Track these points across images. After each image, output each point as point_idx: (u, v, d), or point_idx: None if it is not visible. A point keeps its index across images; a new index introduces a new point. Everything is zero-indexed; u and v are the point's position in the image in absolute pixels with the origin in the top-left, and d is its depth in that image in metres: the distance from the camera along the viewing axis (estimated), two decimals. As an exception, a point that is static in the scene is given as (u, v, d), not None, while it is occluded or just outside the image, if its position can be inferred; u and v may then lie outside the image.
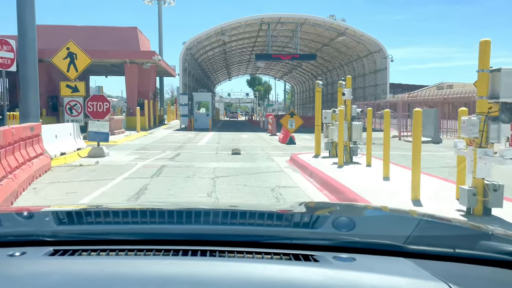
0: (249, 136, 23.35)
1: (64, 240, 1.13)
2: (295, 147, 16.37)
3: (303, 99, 64.60)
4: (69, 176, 8.95)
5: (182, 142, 18.12)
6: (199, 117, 31.54)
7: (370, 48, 32.24)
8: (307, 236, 1.19)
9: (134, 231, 1.22)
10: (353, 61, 37.86)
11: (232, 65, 55.55)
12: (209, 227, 1.34)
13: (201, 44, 33.47)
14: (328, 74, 47.39)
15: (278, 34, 34.85)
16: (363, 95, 36.23)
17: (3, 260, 0.98)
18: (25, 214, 1.44)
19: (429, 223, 1.41)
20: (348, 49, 35.81)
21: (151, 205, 2.09)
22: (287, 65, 55.05)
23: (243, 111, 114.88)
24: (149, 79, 29.04)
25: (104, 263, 0.97)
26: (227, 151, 14.30)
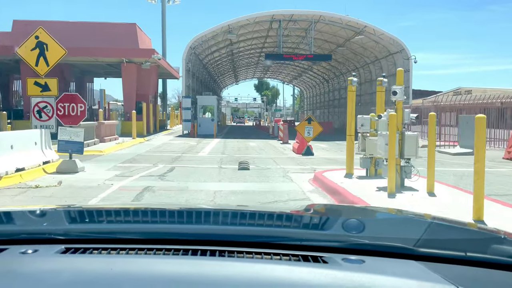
0: (258, 144, 20.76)
1: (75, 238, 1.15)
2: (313, 159, 13.73)
3: (313, 104, 61.91)
4: (11, 204, 6.38)
5: (180, 152, 15.55)
6: (203, 122, 29.02)
7: (390, 49, 29.55)
8: (316, 238, 1.18)
9: (144, 230, 1.22)
10: (369, 63, 35.18)
11: (239, 68, 53.07)
12: (218, 227, 1.33)
13: (206, 44, 30.99)
14: (341, 77, 44.71)
15: (290, 33, 32.30)
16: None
17: (15, 258, 1.00)
18: (38, 212, 1.41)
19: (440, 226, 1.37)
20: (364, 50, 33.15)
21: (161, 205, 2.13)
22: (297, 69, 52.48)
23: (250, 116, 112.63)
24: (149, 81, 26.56)
25: (114, 262, 0.98)
26: (233, 164, 11.71)
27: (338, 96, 46.93)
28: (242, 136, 27.82)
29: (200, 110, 30.30)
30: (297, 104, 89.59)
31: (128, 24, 25.58)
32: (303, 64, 48.60)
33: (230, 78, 65.64)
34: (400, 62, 29.08)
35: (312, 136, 14.99)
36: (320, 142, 18.98)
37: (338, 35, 31.49)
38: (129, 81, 24.78)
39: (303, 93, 71.69)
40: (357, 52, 34.23)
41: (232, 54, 39.72)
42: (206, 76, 45.00)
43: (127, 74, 24.69)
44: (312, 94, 62.36)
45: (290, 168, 11.16)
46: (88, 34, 24.53)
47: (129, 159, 12.74)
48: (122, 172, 9.93)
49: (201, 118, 29.41)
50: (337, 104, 47.30)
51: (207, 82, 47.24)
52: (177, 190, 7.61)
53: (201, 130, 28.90)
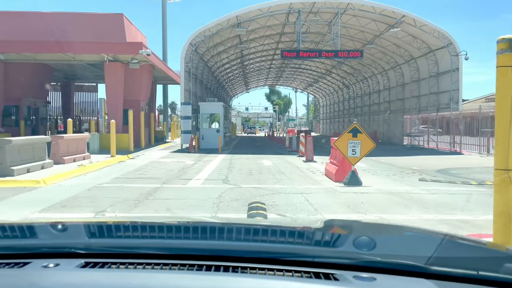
0: (274, 162, 15.77)
1: (95, 252, 1.16)
2: (367, 194, 8.70)
3: (330, 113, 56.78)
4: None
5: (163, 179, 10.63)
6: (207, 134, 24.17)
7: (432, 44, 24.45)
8: (327, 255, 1.19)
9: (160, 246, 1.25)
10: (401, 64, 30.08)
11: (250, 73, 48.24)
12: (232, 243, 1.34)
13: (211, 41, 26.23)
14: (364, 82, 39.64)
15: (309, 29, 27.44)
16: (416, 107, 28.33)
17: (38, 272, 1.03)
18: (59, 226, 1.45)
19: (452, 243, 1.38)
20: (397, 48, 28.10)
21: (177, 220, 2.12)
22: (313, 74, 47.53)
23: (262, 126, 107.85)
24: (140, 84, 21.82)
25: (132, 277, 1.00)
26: (238, 208, 6.78)
27: (361, 103, 41.81)
28: (254, 150, 22.85)
29: (206, 119, 25.45)
30: (311, 113, 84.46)
31: (113, 15, 20.90)
32: (320, 69, 43.67)
33: (240, 86, 60.89)
34: (445, 60, 23.93)
35: (360, 156, 9.94)
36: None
37: (366, 29, 26.51)
38: (113, 83, 20.04)
39: (319, 101, 66.60)
40: (387, 50, 29.16)
41: (242, 55, 34.93)
42: (213, 82, 40.25)
43: (110, 75, 19.95)
44: (329, 102, 57.25)
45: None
46: (65, 27, 19.91)
47: (68, 198, 7.77)
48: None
49: (204, 128, 24.56)
50: (360, 112, 42.14)
51: (215, 89, 42.49)
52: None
53: (205, 143, 24.04)
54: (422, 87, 27.63)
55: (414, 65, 28.23)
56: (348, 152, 9.97)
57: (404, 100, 30.68)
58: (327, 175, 11.56)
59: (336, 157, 11.24)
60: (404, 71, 30.35)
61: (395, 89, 32.18)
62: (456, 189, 9.52)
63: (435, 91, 25.61)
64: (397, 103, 31.80)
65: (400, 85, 31.07)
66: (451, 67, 23.06)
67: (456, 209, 7.22)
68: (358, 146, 9.95)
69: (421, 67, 27.44)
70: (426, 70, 26.45)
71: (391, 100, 33.43)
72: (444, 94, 24.56)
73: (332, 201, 7.81)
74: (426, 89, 26.87)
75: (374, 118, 37.27)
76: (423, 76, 27.31)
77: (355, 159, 9.96)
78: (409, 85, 29.40)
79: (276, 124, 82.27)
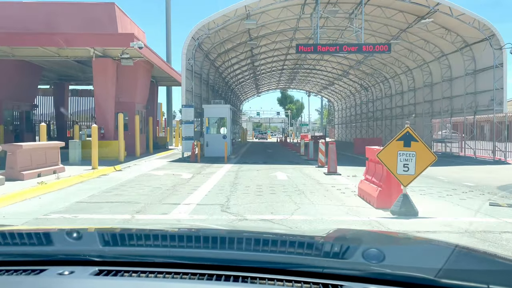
0: (289, 175, 12.88)
1: (108, 260, 1.18)
2: (435, 231, 5.76)
3: (346, 117, 53.65)
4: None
5: (142, 204, 7.80)
6: (212, 141, 21.38)
7: (468, 37, 21.33)
8: (337, 266, 1.19)
9: (172, 255, 1.26)
10: (429, 62, 26.98)
11: (261, 75, 45.40)
12: (242, 253, 1.35)
13: (217, 36, 23.49)
14: (385, 83, 36.54)
15: (326, 23, 24.55)
16: (448, 109, 25.16)
17: (54, 279, 1.05)
18: (74, 234, 1.45)
19: (462, 255, 1.35)
20: (426, 44, 25.01)
21: (191, 229, 2.04)
22: (328, 76, 44.53)
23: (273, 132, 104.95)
24: (134, 84, 19.13)
25: (144, 285, 1.03)
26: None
27: (381, 106, 38.67)
28: (265, 159, 19.97)
29: (214, 124, 22.63)
30: (324, 118, 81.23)
31: (104, 4, 18.18)
32: (336, 70, 40.67)
33: (251, 89, 58.13)
34: (485, 55, 20.79)
35: (415, 174, 6.96)
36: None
37: (392, 22, 23.51)
38: (102, 82, 17.36)
39: (333, 105, 63.47)
40: (414, 46, 26.08)
41: (252, 55, 32.12)
42: (222, 84, 37.53)
43: (99, 73, 17.28)
44: (345, 106, 54.13)
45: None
46: (50, 18, 17.33)
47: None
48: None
49: (209, 134, 21.75)
50: (380, 116, 39.00)
51: (224, 91, 39.76)
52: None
53: (209, 151, 21.26)
54: (455, 87, 24.47)
55: (446, 63, 25.09)
56: (398, 168, 7.02)
57: (433, 102, 27.52)
58: (363, 197, 8.62)
59: (376, 174, 8.29)
60: (432, 69, 27.22)
61: (421, 90, 29.04)
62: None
63: (472, 91, 22.45)
64: (424, 105, 28.64)
65: (427, 86, 27.93)
66: (494, 63, 19.90)
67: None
68: (412, 160, 7.00)
69: (454, 65, 24.30)
70: (461, 68, 23.31)
71: (417, 102, 30.29)
72: (483, 95, 21.41)
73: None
74: (460, 89, 23.71)
75: (397, 123, 34.09)
76: (457, 74, 24.16)
77: (408, 178, 7.01)
78: (439, 85, 26.24)
79: (288, 129, 79.23)
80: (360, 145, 27.84)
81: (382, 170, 7.88)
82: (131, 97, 19.15)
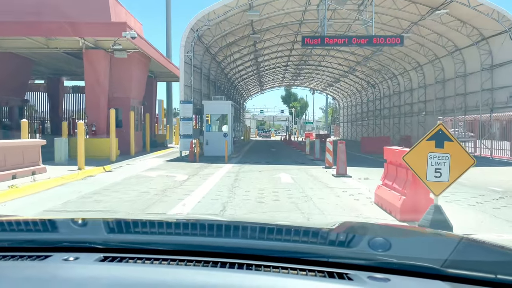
0: (294, 177, 11.67)
1: (113, 247, 1.17)
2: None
3: (352, 115, 52.30)
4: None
5: (123, 213, 6.64)
6: (212, 139, 20.18)
7: (485, 29, 20.00)
8: (342, 255, 1.17)
9: (176, 242, 1.25)
10: (442, 57, 25.66)
11: (265, 71, 44.13)
12: (246, 241, 1.33)
13: (218, 29, 22.27)
14: (394, 80, 35.19)
15: (333, 15, 23.26)
16: (462, 106, 23.83)
17: (59, 264, 1.06)
18: (79, 222, 1.46)
19: (468, 246, 1.34)
20: (439, 37, 23.69)
21: (194, 218, 2.12)
22: (334, 73, 43.22)
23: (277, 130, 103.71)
24: (129, 78, 17.96)
25: (149, 271, 1.02)
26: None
27: (389, 104, 37.32)
28: (268, 159, 18.75)
29: (216, 122, 21.38)
30: (329, 116, 79.86)
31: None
32: (343, 66, 39.35)
33: (254, 86, 56.86)
34: (504, 48, 19.47)
35: (449, 181, 5.71)
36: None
37: (403, 14, 22.20)
38: (94, 76, 16.20)
39: (338, 102, 62.14)
40: (426, 40, 24.74)
41: (256, 50, 30.87)
42: (224, 80, 36.31)
43: (91, 66, 16.11)
44: (351, 104, 52.78)
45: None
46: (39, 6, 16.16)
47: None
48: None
49: (208, 132, 20.54)
50: (388, 114, 37.67)
51: (226, 88, 38.54)
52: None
53: (209, 149, 20.07)
54: (470, 83, 23.14)
55: (460, 57, 23.76)
56: (428, 174, 5.78)
57: (445, 99, 26.19)
58: (381, 205, 7.39)
59: (397, 178, 7.05)
60: (445, 65, 25.88)
61: (432, 86, 27.71)
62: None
63: (488, 87, 21.12)
64: (435, 103, 27.31)
65: (439, 82, 26.59)
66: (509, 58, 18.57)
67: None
68: (445, 164, 5.77)
69: (469, 60, 22.96)
70: (476, 63, 21.97)
71: (427, 99, 28.96)
72: (501, 91, 20.08)
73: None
74: (475, 85, 22.38)
75: (406, 121, 32.78)
76: (471, 69, 22.81)
77: (440, 185, 5.77)
78: (452, 82, 24.90)
79: (292, 127, 77.96)
80: (367, 144, 26.53)
81: (406, 175, 6.65)
82: (125, 92, 17.98)
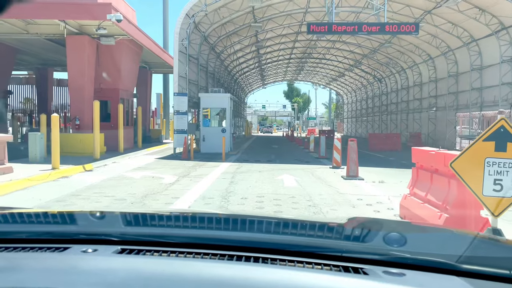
0: (299, 180, 10.15)
1: (130, 240, 1.19)
2: None
3: (357, 110, 50.71)
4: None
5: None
6: (209, 135, 18.69)
7: (506, 17, 18.39)
8: (357, 249, 1.18)
9: (192, 235, 1.26)
10: (455, 49, 24.01)
11: (267, 65, 42.50)
12: (262, 235, 1.34)
13: (217, 16, 20.68)
14: (402, 74, 33.56)
15: (340, 3, 21.60)
16: (478, 102, 22.23)
17: (78, 256, 1.07)
18: (97, 215, 1.48)
19: (483, 243, 1.34)
20: (453, 27, 22.05)
21: (210, 212, 2.12)
22: (339, 67, 41.60)
23: (279, 125, 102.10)
24: (118, 67, 16.43)
25: (165, 263, 1.03)
26: None
27: (396, 99, 35.71)
28: (269, 157, 17.24)
29: (215, 116, 19.85)
30: (332, 112, 78.21)
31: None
32: (348, 59, 37.70)
33: (256, 81, 55.23)
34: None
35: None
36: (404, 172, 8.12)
37: (416, 2, 20.57)
38: (77, 64, 14.65)
39: (342, 98, 60.50)
40: (439, 31, 23.08)
41: (257, 41, 29.26)
42: (224, 74, 34.74)
43: (74, 53, 14.57)
44: (356, 99, 51.16)
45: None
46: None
47: None
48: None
49: (205, 128, 19.02)
50: (395, 110, 36.06)
51: (227, 82, 36.98)
52: None
53: (206, 146, 18.59)
54: (487, 76, 21.53)
55: (476, 49, 22.13)
56: (485, 186, 4.26)
57: (459, 94, 24.58)
58: (411, 221, 5.86)
59: (434, 189, 5.53)
60: (458, 57, 24.25)
61: (444, 81, 26.07)
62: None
63: (508, 81, 19.53)
64: (447, 98, 25.68)
65: (453, 75, 24.96)
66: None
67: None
68: (509, 173, 4.24)
69: (486, 51, 21.34)
70: (495, 54, 20.34)
71: (439, 94, 27.35)
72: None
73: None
74: (493, 79, 20.77)
75: (415, 117, 31.18)
76: (489, 62, 21.19)
77: (502, 203, 4.23)
78: (467, 75, 23.28)
79: (295, 123, 76.33)
80: (375, 141, 24.96)
81: (448, 185, 5.13)
82: (114, 83, 16.47)
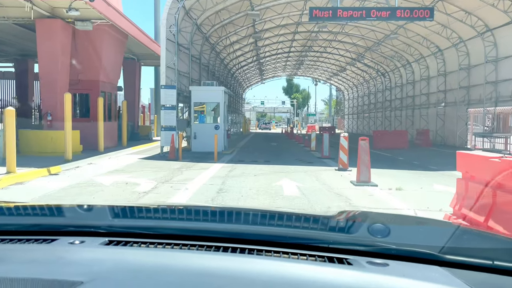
0: (301, 187, 8.49)
1: (118, 232, 1.20)
2: None
3: (358, 107, 49.03)
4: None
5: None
6: (201, 132, 17.03)
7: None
8: (342, 240, 1.19)
9: (180, 227, 1.26)
10: (467, 40, 22.33)
11: (265, 59, 40.73)
12: (248, 227, 1.35)
13: (210, 2, 18.97)
14: (408, 67, 31.88)
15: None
16: (492, 96, 20.58)
17: (65, 247, 1.07)
18: (85, 207, 1.49)
19: (466, 234, 1.35)
20: (466, 16, 20.36)
21: (196, 205, 2.21)
22: (340, 61, 39.90)
23: (278, 122, 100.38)
24: (98, 56, 14.71)
25: (153, 254, 1.04)
26: None
27: (401, 94, 34.05)
28: (267, 156, 15.56)
29: (211, 112, 18.19)
30: (332, 108, 76.53)
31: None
32: (350, 53, 36.01)
33: (254, 76, 53.45)
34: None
35: None
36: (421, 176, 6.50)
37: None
38: (49, 52, 12.93)
39: (343, 94, 58.80)
40: (451, 19, 21.38)
41: (255, 31, 27.53)
42: (221, 67, 33.00)
43: (45, 39, 12.85)
44: (357, 95, 49.46)
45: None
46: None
47: None
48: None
49: (197, 124, 17.34)
50: (399, 106, 34.40)
51: (223, 77, 35.24)
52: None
53: (198, 144, 16.94)
54: (503, 69, 19.87)
55: (490, 39, 20.45)
56: None
57: (470, 88, 22.92)
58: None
59: (496, 210, 3.87)
60: (470, 49, 22.58)
61: (454, 74, 24.40)
62: None
63: (528, 74, 17.88)
64: (458, 92, 24.02)
65: (464, 69, 23.28)
66: None
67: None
68: None
69: (502, 42, 19.67)
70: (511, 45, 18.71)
71: (447, 89, 25.69)
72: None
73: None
74: (506, 73, 19.13)
75: (421, 113, 29.52)
76: (505, 53, 19.54)
77: None
78: (480, 68, 21.62)
79: (294, 119, 74.68)
80: (381, 138, 23.20)
81: None
82: (94, 74, 14.77)
